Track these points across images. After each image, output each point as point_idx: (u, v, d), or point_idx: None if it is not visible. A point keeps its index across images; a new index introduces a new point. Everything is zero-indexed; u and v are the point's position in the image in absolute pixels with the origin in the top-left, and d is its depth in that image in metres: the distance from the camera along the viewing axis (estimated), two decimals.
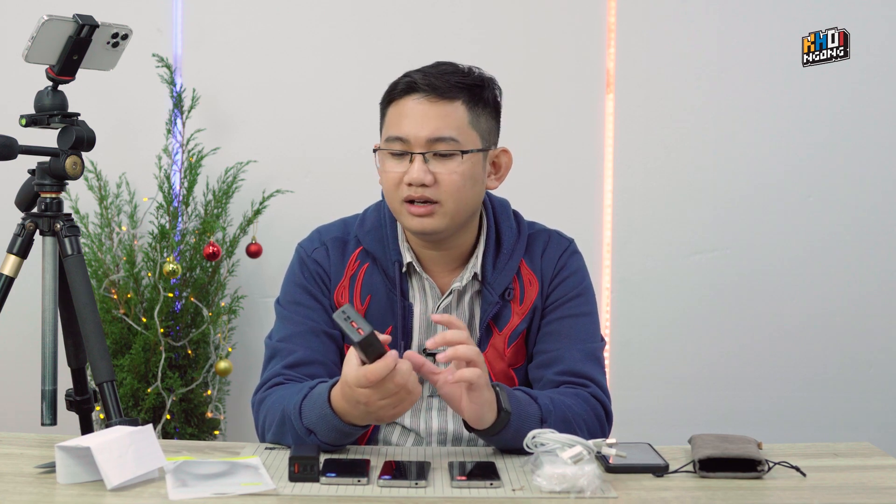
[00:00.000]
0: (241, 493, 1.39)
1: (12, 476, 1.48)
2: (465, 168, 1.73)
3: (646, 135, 3.24)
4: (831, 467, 1.59)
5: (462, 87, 1.74)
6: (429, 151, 1.72)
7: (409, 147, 1.73)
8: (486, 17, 3.23)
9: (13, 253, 2.03)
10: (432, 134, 1.72)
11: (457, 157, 1.73)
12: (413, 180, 1.71)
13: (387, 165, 1.75)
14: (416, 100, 1.73)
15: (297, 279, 1.84)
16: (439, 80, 1.73)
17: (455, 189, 1.73)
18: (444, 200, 1.73)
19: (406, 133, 1.72)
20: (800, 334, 3.26)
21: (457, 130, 1.73)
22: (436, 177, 1.72)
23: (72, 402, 2.17)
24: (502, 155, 1.83)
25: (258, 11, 3.23)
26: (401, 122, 1.73)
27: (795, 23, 3.11)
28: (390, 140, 1.74)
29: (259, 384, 1.78)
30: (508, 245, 1.83)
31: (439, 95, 1.72)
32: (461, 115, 1.74)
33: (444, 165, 1.73)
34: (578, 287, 1.85)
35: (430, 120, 1.72)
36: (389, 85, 1.79)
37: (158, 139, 3.12)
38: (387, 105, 1.78)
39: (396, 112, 1.75)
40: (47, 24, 1.86)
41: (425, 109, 1.72)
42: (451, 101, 1.73)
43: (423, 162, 1.72)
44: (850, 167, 3.24)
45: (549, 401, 1.65)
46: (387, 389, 1.50)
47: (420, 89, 1.73)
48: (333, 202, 2.27)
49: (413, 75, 1.75)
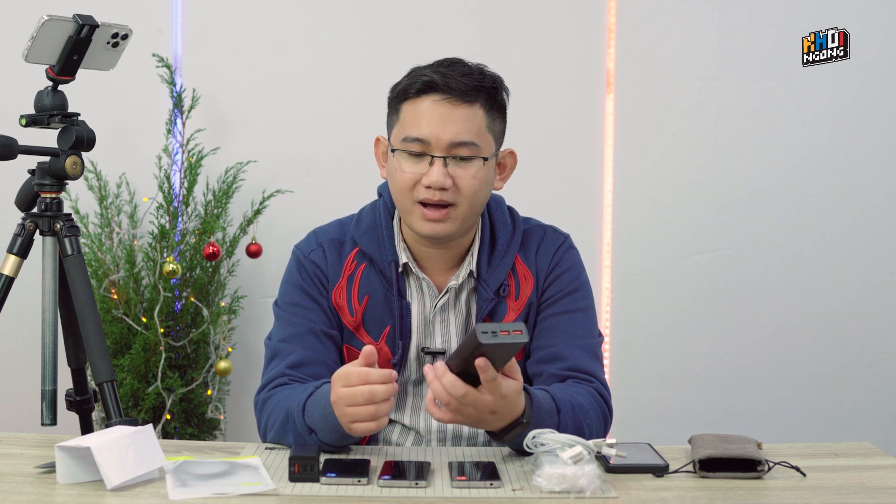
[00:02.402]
0: (241, 493, 1.39)
1: (12, 476, 1.48)
2: (483, 173, 1.74)
3: (646, 135, 3.24)
4: (831, 467, 1.59)
5: (481, 90, 1.74)
6: (450, 156, 1.72)
7: (429, 149, 1.72)
8: (487, 17, 3.23)
9: (13, 253, 2.03)
10: (454, 138, 1.72)
11: (476, 162, 1.73)
12: (433, 183, 1.71)
13: (403, 165, 1.74)
14: (435, 100, 1.72)
15: (294, 281, 1.84)
16: (459, 82, 1.72)
17: (472, 193, 1.73)
18: (460, 204, 1.73)
19: (427, 135, 1.72)
20: (800, 334, 3.26)
21: (476, 135, 1.73)
22: (454, 180, 1.72)
23: (72, 402, 2.17)
24: (508, 157, 1.85)
25: (258, 11, 3.23)
26: (420, 123, 1.72)
27: (795, 23, 3.11)
28: (409, 140, 1.73)
29: (262, 384, 1.78)
30: (503, 241, 1.83)
31: (460, 98, 1.72)
32: (480, 120, 1.74)
33: (463, 170, 1.73)
34: (575, 282, 1.85)
35: (452, 123, 1.71)
36: (403, 80, 1.77)
37: (158, 139, 3.12)
38: (401, 102, 1.76)
39: (414, 111, 1.74)
40: (47, 24, 1.86)
41: (446, 112, 1.72)
42: (470, 104, 1.73)
43: (443, 165, 1.72)
44: (850, 167, 3.24)
45: (570, 409, 1.64)
46: (359, 394, 1.51)
47: (440, 90, 1.72)
48: (333, 202, 2.27)
49: (430, 74, 1.73)
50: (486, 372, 1.46)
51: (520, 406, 1.54)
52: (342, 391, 1.53)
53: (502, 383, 1.50)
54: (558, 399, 1.64)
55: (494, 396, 1.50)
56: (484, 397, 1.50)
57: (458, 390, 1.48)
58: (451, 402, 1.50)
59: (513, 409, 1.54)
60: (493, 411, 1.52)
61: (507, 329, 1.42)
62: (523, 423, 1.55)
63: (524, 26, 3.23)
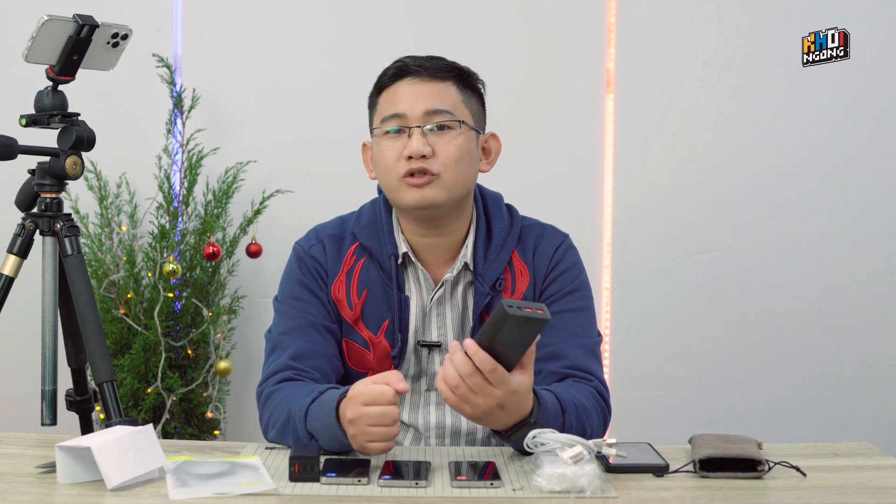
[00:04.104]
0: (242, 493, 1.39)
1: (12, 476, 1.48)
2: (462, 141, 1.78)
3: (646, 135, 3.24)
4: (831, 467, 1.59)
5: (452, 69, 1.81)
6: (426, 125, 1.76)
7: (407, 122, 1.77)
8: (487, 17, 3.23)
9: (13, 253, 2.03)
10: (429, 107, 1.77)
11: (454, 130, 1.77)
12: (413, 152, 1.74)
13: (383, 145, 1.78)
14: (408, 82, 1.79)
15: (294, 275, 1.85)
16: (430, 63, 1.79)
17: (453, 160, 1.76)
18: (443, 172, 1.76)
19: (403, 109, 1.77)
20: (800, 334, 3.26)
21: (451, 105, 1.79)
22: (434, 148, 1.76)
23: (72, 402, 2.17)
24: (491, 140, 1.88)
25: (258, 11, 3.23)
26: (396, 102, 1.78)
27: (795, 23, 3.11)
28: (386, 119, 1.78)
29: (264, 376, 1.78)
30: (499, 236, 1.84)
31: (431, 76, 1.79)
32: (454, 94, 1.80)
33: (441, 137, 1.77)
34: (575, 282, 1.85)
35: (426, 96, 1.77)
36: (377, 78, 1.84)
37: (158, 139, 3.12)
38: (377, 95, 1.83)
39: (390, 95, 1.80)
40: (47, 24, 1.86)
41: (419, 88, 1.78)
42: (442, 80, 1.79)
43: (421, 135, 1.76)
44: (850, 167, 3.24)
45: (574, 409, 1.64)
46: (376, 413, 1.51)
47: (412, 72, 1.79)
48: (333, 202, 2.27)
49: (402, 60, 1.81)
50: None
51: (528, 404, 1.53)
52: (366, 410, 1.51)
53: (514, 377, 1.49)
54: (563, 399, 1.63)
55: (504, 390, 1.48)
56: (510, 380, 1.48)
57: (487, 364, 1.46)
58: (461, 386, 1.49)
59: (521, 406, 1.52)
60: (502, 405, 1.50)
61: (532, 306, 1.43)
62: (531, 422, 1.54)
63: (524, 26, 3.23)
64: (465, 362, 1.47)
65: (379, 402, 1.51)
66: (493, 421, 1.53)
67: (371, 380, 1.54)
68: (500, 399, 1.49)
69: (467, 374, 1.47)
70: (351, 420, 1.52)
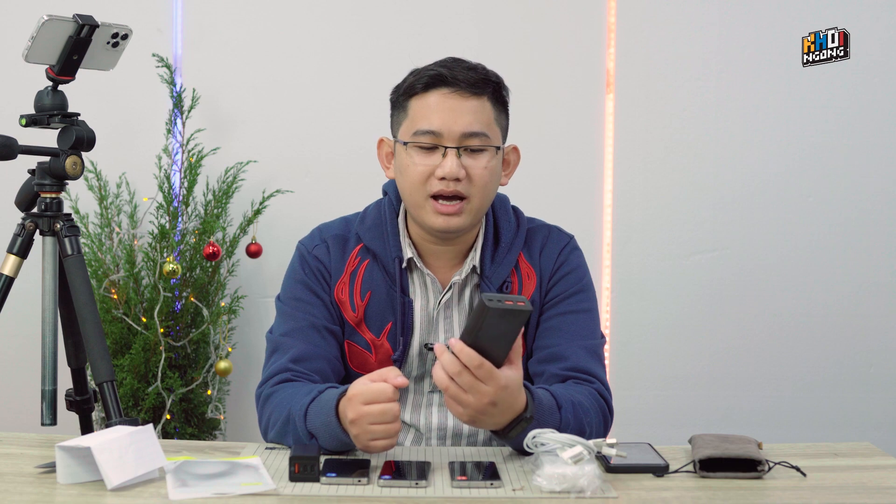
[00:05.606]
0: (242, 493, 1.39)
1: (12, 476, 1.48)
2: (493, 164, 1.76)
3: (646, 135, 3.24)
4: (831, 467, 1.59)
5: (488, 83, 1.76)
6: (462, 146, 1.73)
7: (441, 141, 1.73)
8: (486, 17, 3.23)
9: (13, 253, 2.03)
10: (466, 128, 1.73)
11: (487, 153, 1.75)
12: (447, 174, 1.72)
13: (415, 159, 1.75)
14: (443, 94, 1.74)
15: (297, 276, 1.84)
16: (466, 75, 1.74)
17: (484, 184, 1.75)
18: (473, 196, 1.74)
19: (438, 127, 1.73)
20: (800, 334, 3.26)
21: (487, 126, 1.75)
22: (467, 171, 1.73)
23: (72, 402, 2.17)
24: (512, 153, 1.86)
25: (258, 11, 3.23)
26: (430, 116, 1.74)
27: (795, 23, 3.11)
28: (420, 133, 1.74)
29: (264, 377, 1.78)
30: (507, 239, 1.84)
31: (468, 90, 1.74)
32: (489, 111, 1.76)
33: (475, 160, 1.74)
34: (579, 283, 1.85)
35: (463, 114, 1.73)
36: (408, 79, 1.78)
37: (158, 139, 3.12)
38: (408, 98, 1.77)
39: (423, 105, 1.75)
40: (47, 24, 1.86)
41: (456, 103, 1.73)
42: (478, 96, 1.75)
43: (456, 156, 1.73)
44: (849, 167, 3.24)
45: (570, 406, 1.64)
46: (390, 412, 1.51)
47: (448, 83, 1.74)
48: (333, 202, 2.28)
49: (436, 69, 1.75)
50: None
51: (521, 400, 1.53)
52: (367, 409, 1.51)
53: (502, 373, 1.49)
54: (558, 396, 1.63)
55: (494, 385, 1.48)
56: (499, 376, 1.47)
57: (473, 360, 1.46)
58: (451, 387, 1.49)
59: (514, 401, 1.52)
60: (494, 402, 1.50)
61: (512, 299, 1.42)
62: (527, 417, 1.54)
63: (524, 26, 3.23)
64: (453, 361, 1.47)
65: (379, 399, 1.51)
66: (488, 420, 1.53)
67: (369, 377, 1.54)
68: (491, 396, 1.49)
69: (455, 372, 1.47)
70: (353, 420, 1.52)
